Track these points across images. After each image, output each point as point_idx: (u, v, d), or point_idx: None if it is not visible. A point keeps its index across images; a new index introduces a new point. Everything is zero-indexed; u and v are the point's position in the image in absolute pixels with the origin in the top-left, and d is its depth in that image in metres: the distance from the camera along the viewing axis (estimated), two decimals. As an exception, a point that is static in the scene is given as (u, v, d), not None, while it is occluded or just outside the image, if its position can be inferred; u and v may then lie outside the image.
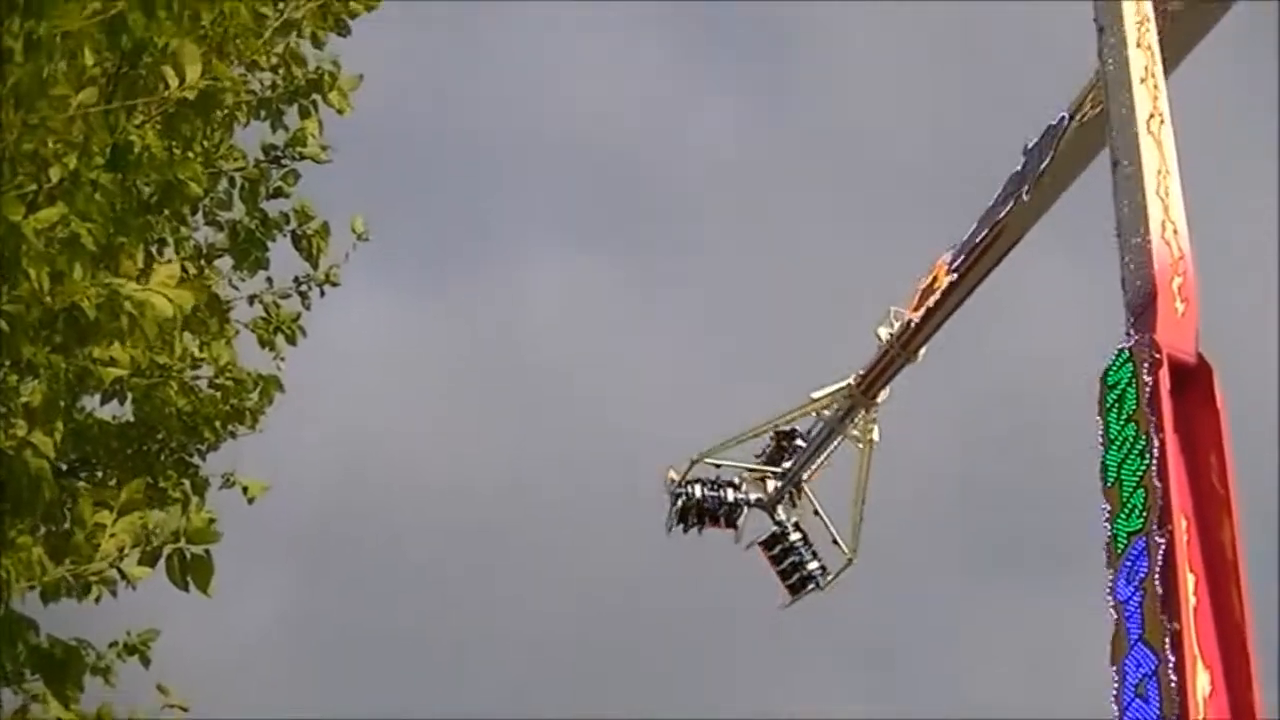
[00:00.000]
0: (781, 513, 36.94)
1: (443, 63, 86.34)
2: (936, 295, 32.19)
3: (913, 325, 33.04)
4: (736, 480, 37.22)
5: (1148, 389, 22.21)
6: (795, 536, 36.74)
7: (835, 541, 36.53)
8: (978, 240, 31.16)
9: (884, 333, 33.91)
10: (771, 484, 37.00)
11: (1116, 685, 21.06)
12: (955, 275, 31.71)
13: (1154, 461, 21.76)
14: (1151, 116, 24.70)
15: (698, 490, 36.74)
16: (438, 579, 61.14)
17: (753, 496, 37.12)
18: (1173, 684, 20.26)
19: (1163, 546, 21.16)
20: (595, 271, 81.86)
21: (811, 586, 36.73)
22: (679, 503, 36.79)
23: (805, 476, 36.94)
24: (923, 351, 33.87)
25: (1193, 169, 24.97)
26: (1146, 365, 22.41)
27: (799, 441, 36.71)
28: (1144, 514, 21.63)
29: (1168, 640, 20.60)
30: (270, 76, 9.31)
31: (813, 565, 36.64)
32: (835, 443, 36.59)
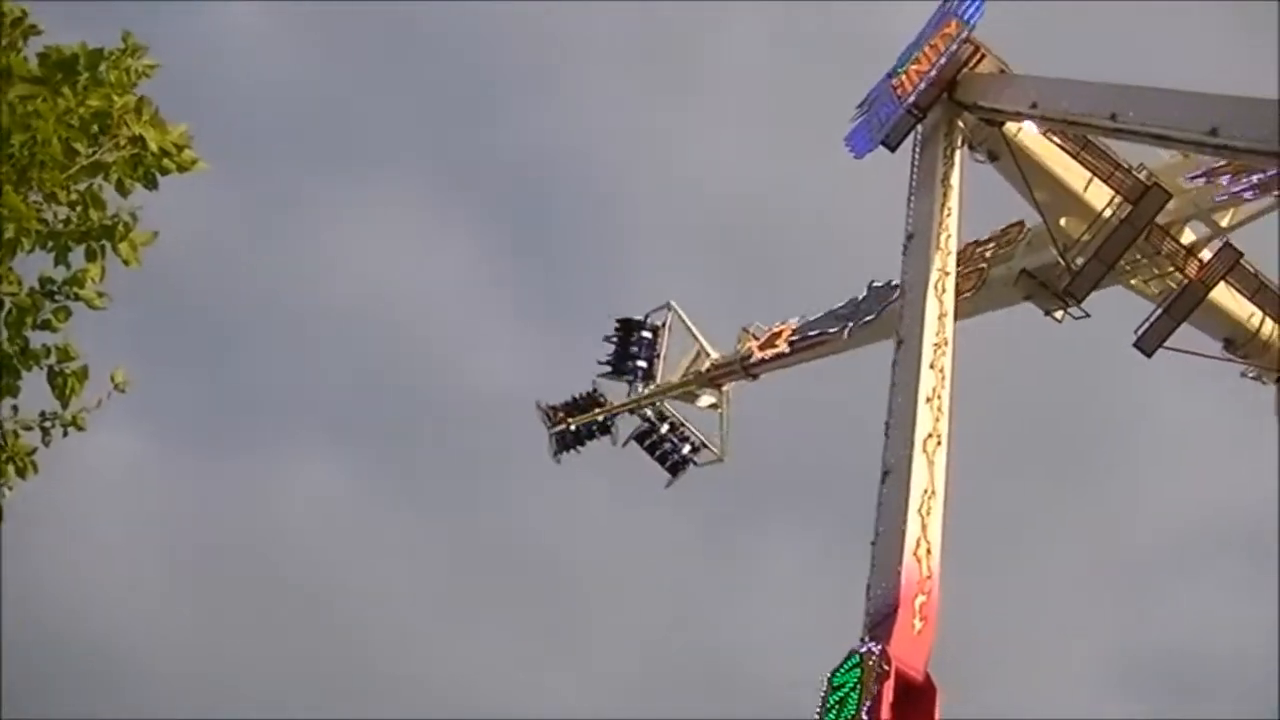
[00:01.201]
0: (650, 413, 42.17)
1: (255, 231, 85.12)
2: (773, 351, 38.90)
3: (753, 358, 39.52)
4: (599, 395, 42.70)
5: (870, 698, 22.53)
6: (664, 428, 42.14)
7: (704, 445, 42.18)
8: (810, 334, 38.13)
9: (742, 336, 40.11)
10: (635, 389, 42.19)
11: None
12: (788, 348, 38.61)
13: (862, 771, 22.00)
14: (930, 436, 25.47)
15: (572, 424, 42.47)
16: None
17: (618, 405, 42.36)
18: None
19: None
20: (354, 473, 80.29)
21: (688, 467, 42.19)
22: (557, 437, 42.66)
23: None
24: (762, 376, 39.97)
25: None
26: (874, 674, 22.76)
27: (644, 333, 41.98)
28: (842, 821, 21.80)
29: None
30: (66, 212, 9.26)
31: (686, 449, 42.14)
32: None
